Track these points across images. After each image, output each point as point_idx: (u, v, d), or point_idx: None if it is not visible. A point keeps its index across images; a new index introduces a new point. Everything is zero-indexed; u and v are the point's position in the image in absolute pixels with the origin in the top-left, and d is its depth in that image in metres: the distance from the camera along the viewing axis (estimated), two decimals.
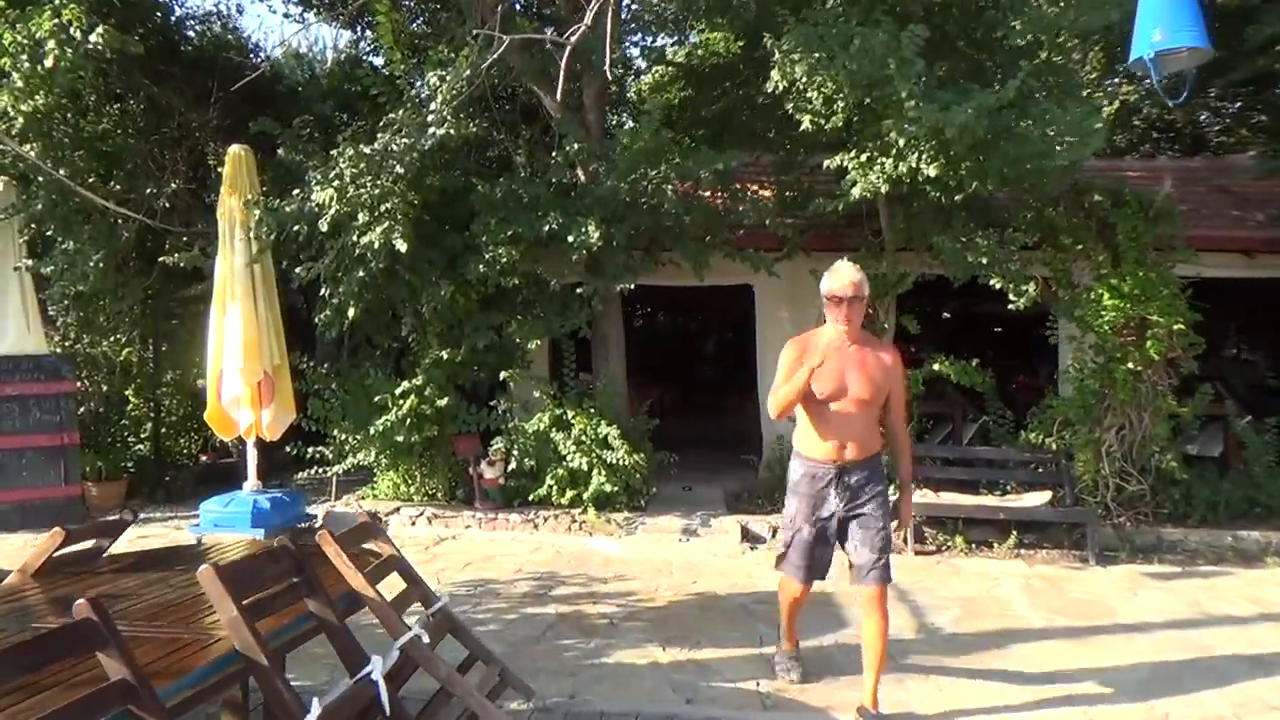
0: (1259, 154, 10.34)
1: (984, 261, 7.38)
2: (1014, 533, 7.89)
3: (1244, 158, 11.54)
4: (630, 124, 8.06)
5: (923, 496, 8.08)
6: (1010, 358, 12.57)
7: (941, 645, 5.57)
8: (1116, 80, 13.76)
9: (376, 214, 7.47)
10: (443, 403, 8.30)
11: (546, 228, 7.63)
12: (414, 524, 8.68)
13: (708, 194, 8.90)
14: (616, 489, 8.32)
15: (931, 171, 6.31)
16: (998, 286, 7.47)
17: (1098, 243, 7.73)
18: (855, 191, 6.95)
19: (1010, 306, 7.47)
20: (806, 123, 6.84)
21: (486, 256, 7.78)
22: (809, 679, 4.93)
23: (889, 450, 4.52)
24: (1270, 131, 12.23)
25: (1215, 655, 5.36)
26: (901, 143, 6.56)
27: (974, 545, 7.95)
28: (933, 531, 8.12)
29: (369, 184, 7.36)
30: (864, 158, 6.98)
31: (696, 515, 8.56)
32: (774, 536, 8.28)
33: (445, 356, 8.23)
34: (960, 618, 6.10)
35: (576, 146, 7.96)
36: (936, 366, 8.52)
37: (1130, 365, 7.67)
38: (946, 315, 14.76)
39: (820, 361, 4.08)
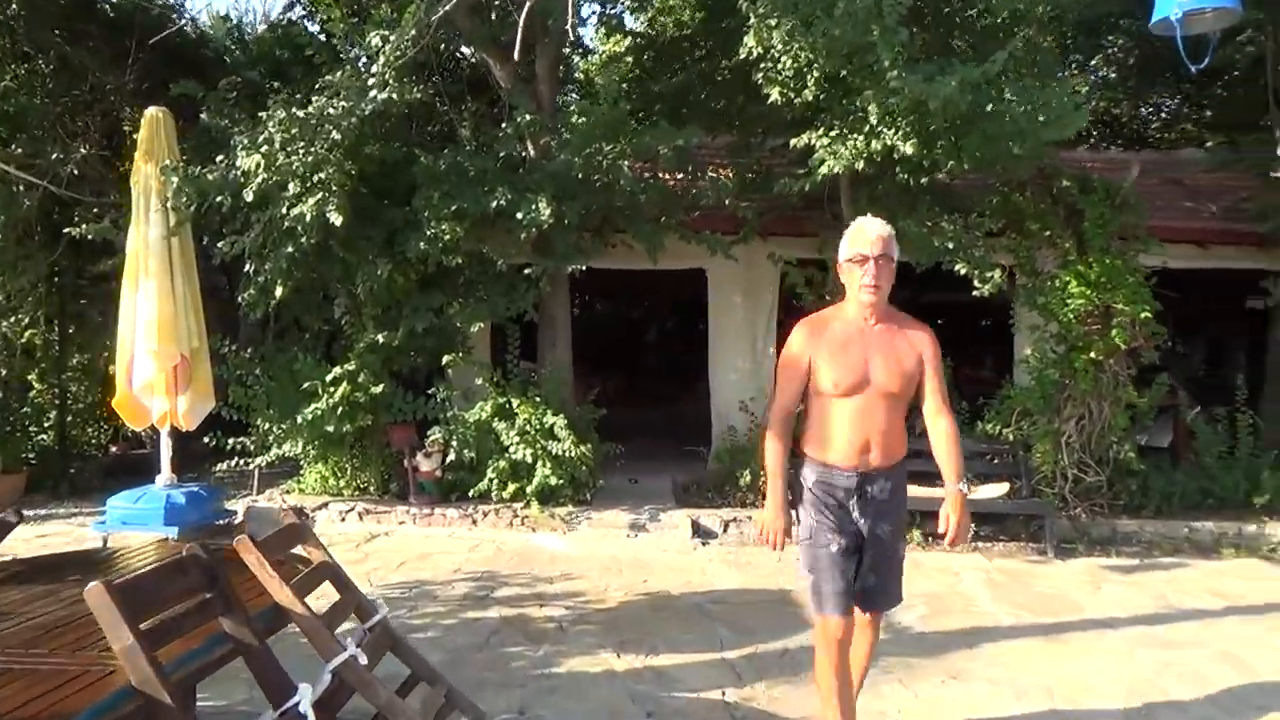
0: (1214, 147, 10.36)
1: (950, 246, 7.15)
2: (971, 525, 7.69)
3: (1192, 151, 11.60)
4: (579, 102, 7.58)
5: None
6: (953, 349, 12.48)
7: (912, 645, 5.31)
8: (1064, 73, 13.75)
9: (309, 184, 6.92)
10: (377, 390, 7.78)
11: (494, 204, 7.16)
12: (343, 520, 8.14)
13: (664, 174, 8.50)
14: (562, 482, 7.91)
15: (909, 149, 6.03)
16: (963, 272, 7.25)
17: (1064, 229, 7.57)
18: (824, 170, 6.65)
19: (975, 293, 7.26)
20: (775, 94, 6.50)
21: (428, 233, 7.28)
22: (777, 685, 4.61)
23: (932, 446, 3.57)
24: (1214, 126, 12.35)
25: (1189, 653, 5.20)
26: (875, 119, 6.26)
27: (930, 538, 7.74)
28: None
29: (301, 151, 6.80)
30: (833, 134, 6.67)
31: (644, 509, 8.20)
32: (725, 531, 7.98)
33: (381, 340, 7.70)
34: (927, 615, 5.86)
35: (528, 118, 7.49)
36: None
37: (1092, 355, 7.53)
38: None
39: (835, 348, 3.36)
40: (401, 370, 8.37)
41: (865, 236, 3.31)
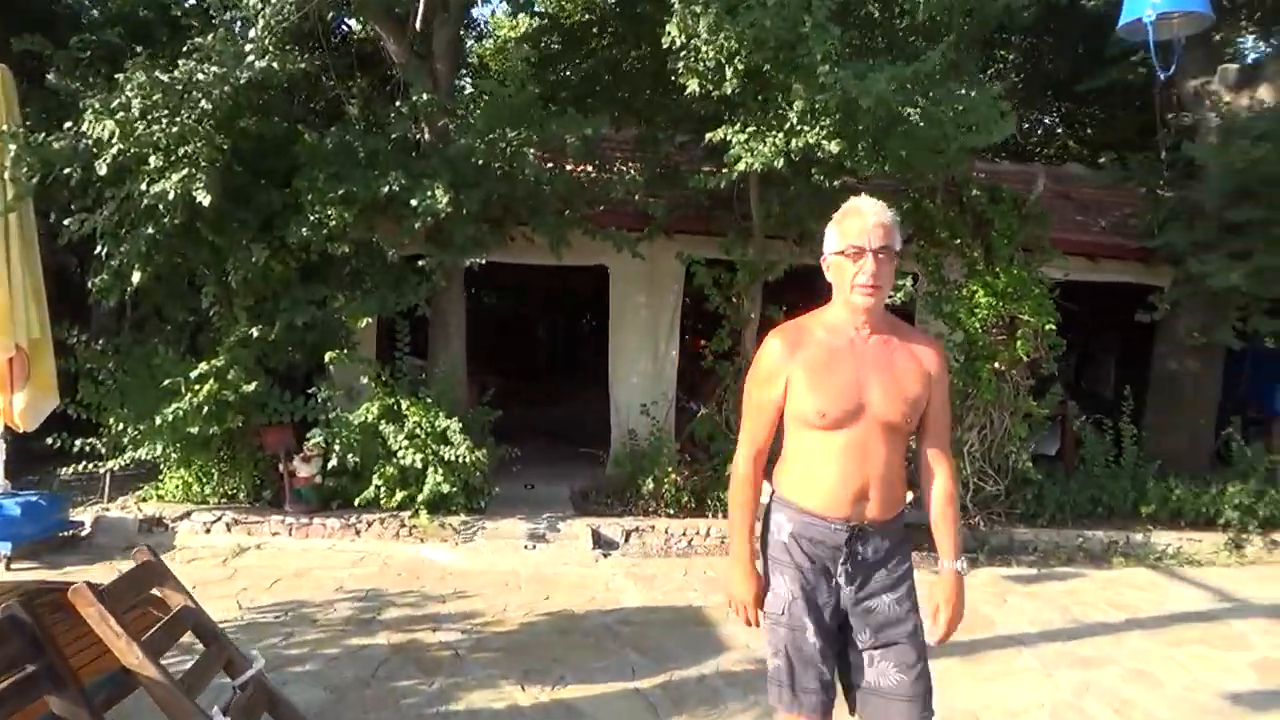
0: (1108, 164, 10.64)
1: None
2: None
3: (1076, 167, 11.95)
4: (484, 81, 7.03)
5: None
6: None
7: None
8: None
9: (173, 158, 6.16)
10: (249, 388, 7.04)
11: (385, 189, 6.57)
12: (209, 531, 7.36)
13: (569, 166, 8.04)
14: (454, 489, 7.36)
15: (833, 148, 5.78)
16: None
17: (973, 238, 7.51)
18: (741, 166, 6.34)
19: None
20: (694, 86, 6.15)
21: (311, 218, 6.62)
22: (696, 718, 4.25)
23: (920, 498, 2.86)
24: (1094, 144, 12.77)
25: (1104, 671, 5.14)
26: (795, 117, 5.99)
27: None
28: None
29: (165, 121, 6.04)
30: (750, 131, 6.37)
31: (542, 518, 7.74)
32: (627, 541, 7.62)
33: (255, 334, 6.97)
34: None
35: (425, 98, 6.90)
36: None
37: (996, 364, 7.52)
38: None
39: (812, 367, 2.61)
40: (278, 367, 7.64)
41: (862, 223, 2.50)
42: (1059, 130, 15.47)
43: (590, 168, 8.48)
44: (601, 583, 6.60)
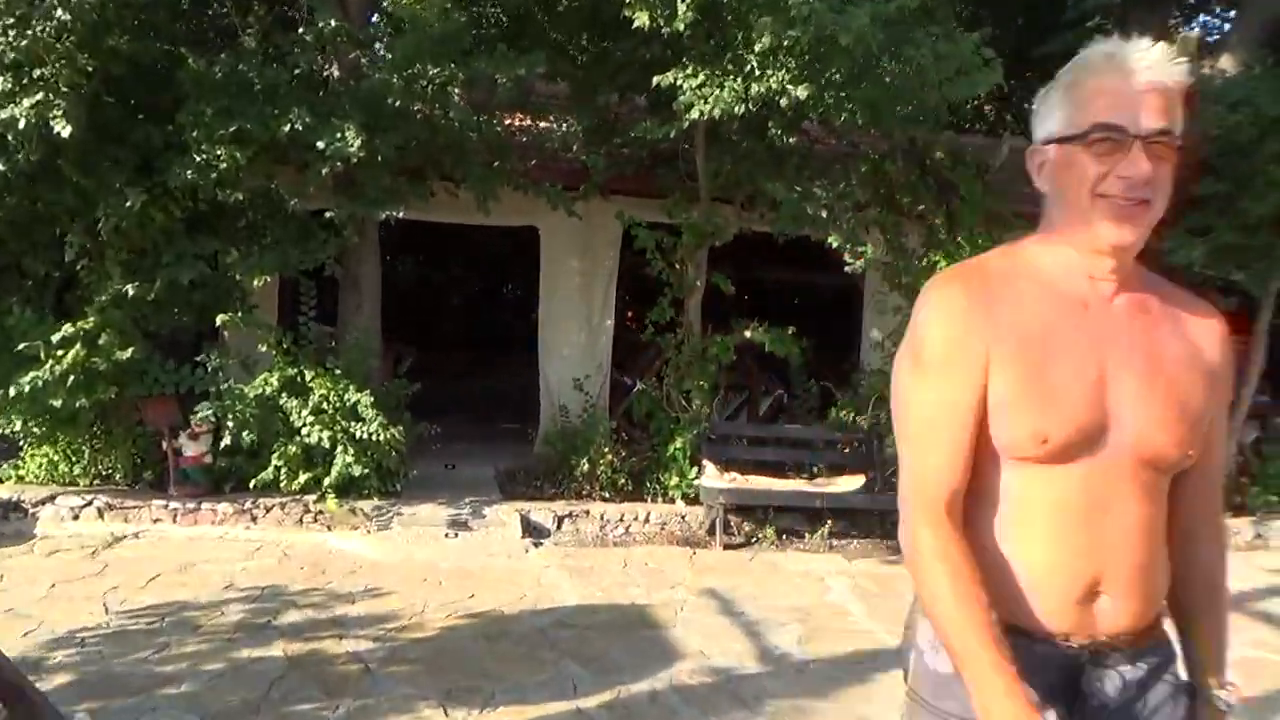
0: None
1: (823, 215, 6.38)
2: (828, 522, 7.07)
3: (1013, 138, 11.59)
4: (403, 6, 6.12)
5: (731, 481, 7.07)
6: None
7: (796, 679, 4.49)
8: None
9: (24, 81, 5.15)
10: (125, 355, 6.09)
11: (287, 127, 5.68)
12: (77, 517, 6.41)
13: (498, 114, 7.21)
14: (367, 471, 6.57)
15: (801, 93, 5.14)
16: (834, 245, 6.51)
17: (937, 205, 6.99)
18: (694, 114, 5.65)
19: (847, 269, 6.57)
20: (643, 19, 5.42)
21: (197, 159, 5.69)
22: None
23: (1179, 588, 1.55)
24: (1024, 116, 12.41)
25: None
26: (755, 60, 5.32)
27: (783, 535, 7.06)
28: (738, 520, 7.14)
29: (12, 34, 5.02)
30: (704, 75, 5.69)
31: (465, 502, 7.01)
32: (559, 528, 6.95)
33: (131, 293, 6.01)
34: (804, 636, 5.06)
35: (334, 24, 5.99)
36: (748, 334, 7.51)
37: None
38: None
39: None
40: (161, 331, 6.69)
41: (1123, 84, 1.35)
42: (1012, 99, 15.17)
43: (520, 119, 7.68)
44: (533, 577, 5.92)
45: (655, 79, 5.97)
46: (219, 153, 5.60)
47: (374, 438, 6.47)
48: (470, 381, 14.53)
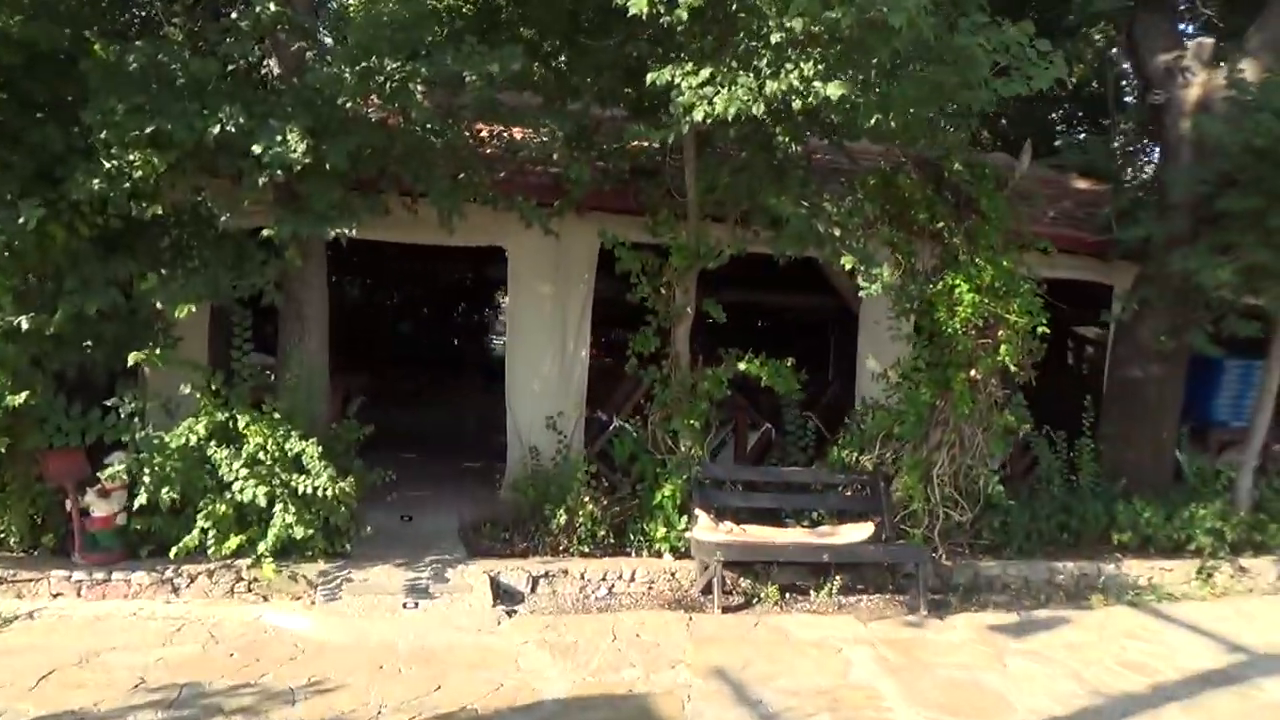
0: (1068, 146, 9.71)
1: (835, 233, 5.63)
2: (837, 578, 6.29)
3: (1001, 155, 11.07)
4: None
5: (728, 533, 6.25)
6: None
7: None
8: None
9: None
10: (18, 399, 5.06)
11: (216, 129, 4.74)
12: None
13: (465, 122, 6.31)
14: (311, 531, 5.59)
15: (832, 92, 4.37)
16: (847, 267, 5.77)
17: (957, 222, 6.29)
18: (698, 115, 4.85)
19: (862, 293, 5.83)
20: (640, 5, 4.61)
21: (106, 166, 4.72)
22: None
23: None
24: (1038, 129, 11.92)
25: None
26: (769, 56, 4.55)
27: (786, 593, 6.25)
28: (734, 575, 6.31)
29: None
30: (706, 72, 4.90)
31: (425, 563, 6.07)
32: (534, 590, 6.06)
33: (24, 326, 4.98)
34: None
35: (273, 9, 5.07)
36: (742, 365, 6.71)
37: (973, 373, 6.35)
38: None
39: None
40: (65, 370, 5.64)
41: None
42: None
43: (488, 129, 6.79)
44: (509, 657, 5.01)
45: (650, 77, 5.16)
46: (132, 158, 4.64)
47: (321, 493, 5.52)
48: (422, 409, 13.52)
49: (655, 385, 6.91)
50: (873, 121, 4.68)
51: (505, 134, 6.54)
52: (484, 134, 6.49)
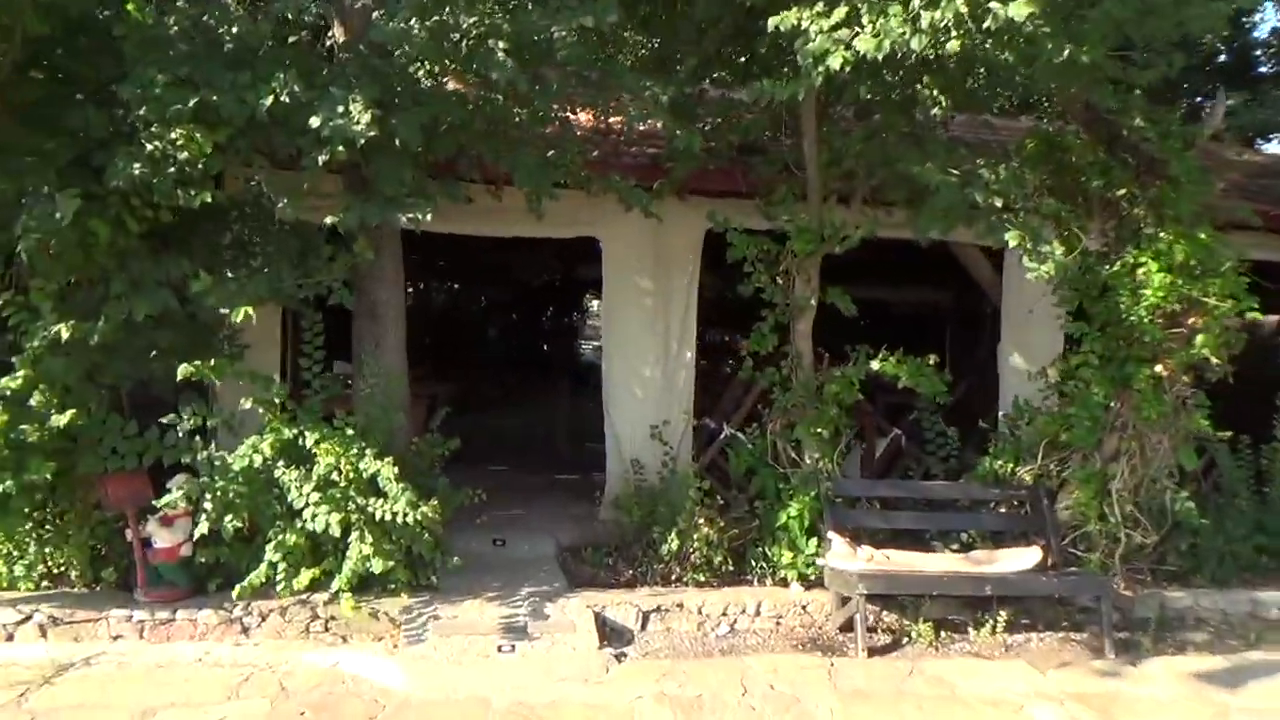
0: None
1: (996, 204, 4.59)
2: (1002, 614, 5.22)
3: None
4: None
5: (870, 560, 5.24)
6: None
7: None
8: None
9: None
10: (64, 419, 4.40)
11: (268, 100, 3.98)
12: (11, 638, 4.72)
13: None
14: (393, 563, 4.81)
15: (1017, 11, 3.36)
16: (1010, 245, 4.72)
17: (1139, 188, 5.15)
18: (835, 61, 3.88)
19: (1031, 275, 4.77)
20: None
21: (148, 148, 4.01)
22: None
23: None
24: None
25: None
26: None
27: (940, 631, 5.21)
28: (876, 609, 5.30)
29: None
30: (843, 10, 3.94)
31: (522, 596, 5.24)
32: (645, 627, 5.17)
33: (66, 335, 4.32)
34: None
35: None
36: (875, 365, 5.70)
37: (1159, 369, 5.21)
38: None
39: None
40: (121, 384, 5.00)
41: None
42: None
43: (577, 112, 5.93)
44: (621, 714, 4.13)
45: (771, 21, 4.21)
46: (175, 137, 3.92)
47: (401, 519, 4.73)
48: (510, 416, 12.80)
49: (773, 389, 5.96)
50: (1065, 53, 3.62)
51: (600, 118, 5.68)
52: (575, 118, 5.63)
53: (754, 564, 5.63)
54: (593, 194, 5.97)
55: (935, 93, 4.65)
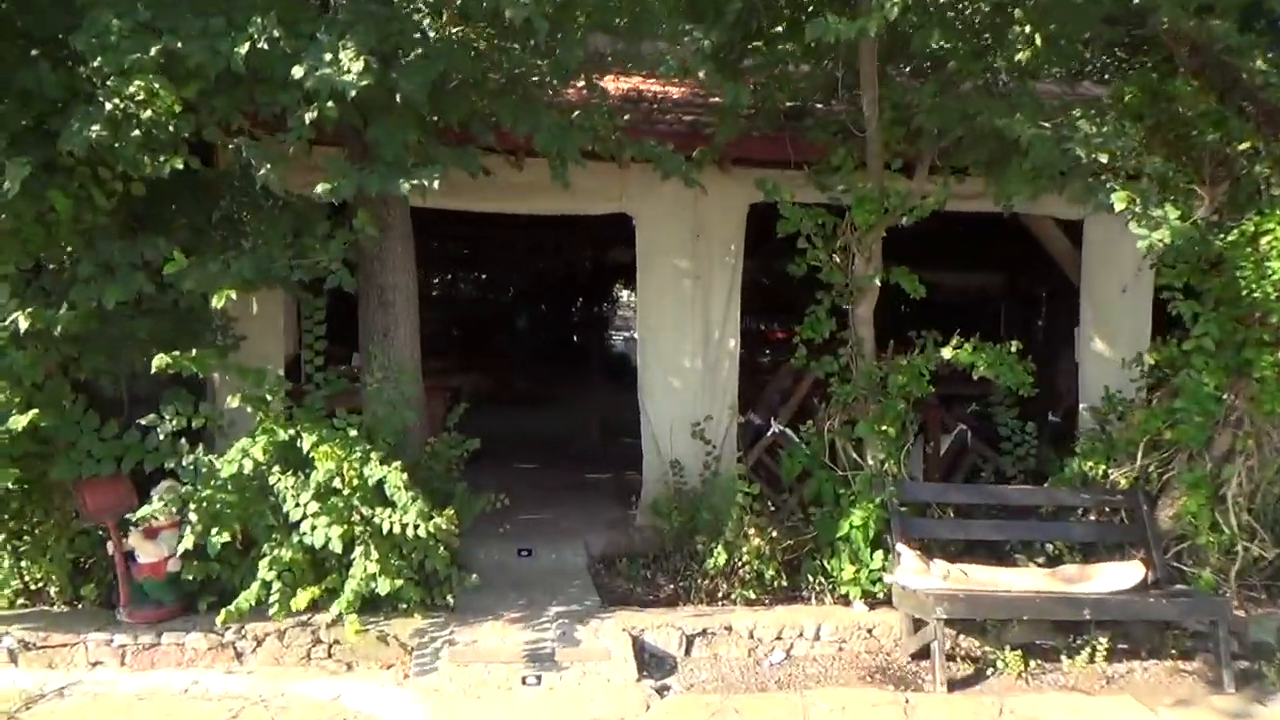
0: None
1: (1103, 160, 3.85)
2: (1101, 640, 4.48)
3: None
4: None
5: (946, 578, 4.53)
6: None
7: None
8: None
9: None
10: (23, 420, 3.82)
11: (244, 48, 3.35)
12: None
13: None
14: (402, 582, 4.19)
15: None
16: (1118, 209, 3.96)
17: (1262, 143, 4.37)
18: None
19: (1142, 245, 4.01)
20: None
21: (108, 107, 3.40)
22: None
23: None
24: None
25: None
26: None
27: (1030, 659, 4.49)
28: (953, 632, 4.58)
29: None
30: None
31: (549, 618, 4.61)
32: (689, 652, 4.50)
33: (26, 324, 3.73)
34: None
35: None
36: (947, 352, 4.98)
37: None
38: None
39: None
40: (99, 379, 4.43)
41: None
42: None
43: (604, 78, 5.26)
44: None
45: None
46: (135, 88, 3.30)
47: (411, 531, 4.11)
48: (539, 409, 12.16)
49: (829, 380, 5.26)
50: None
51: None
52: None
53: (810, 579, 4.94)
54: (624, 165, 5.34)
55: (1026, 28, 3.89)
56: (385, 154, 3.86)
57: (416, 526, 4.09)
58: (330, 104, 3.51)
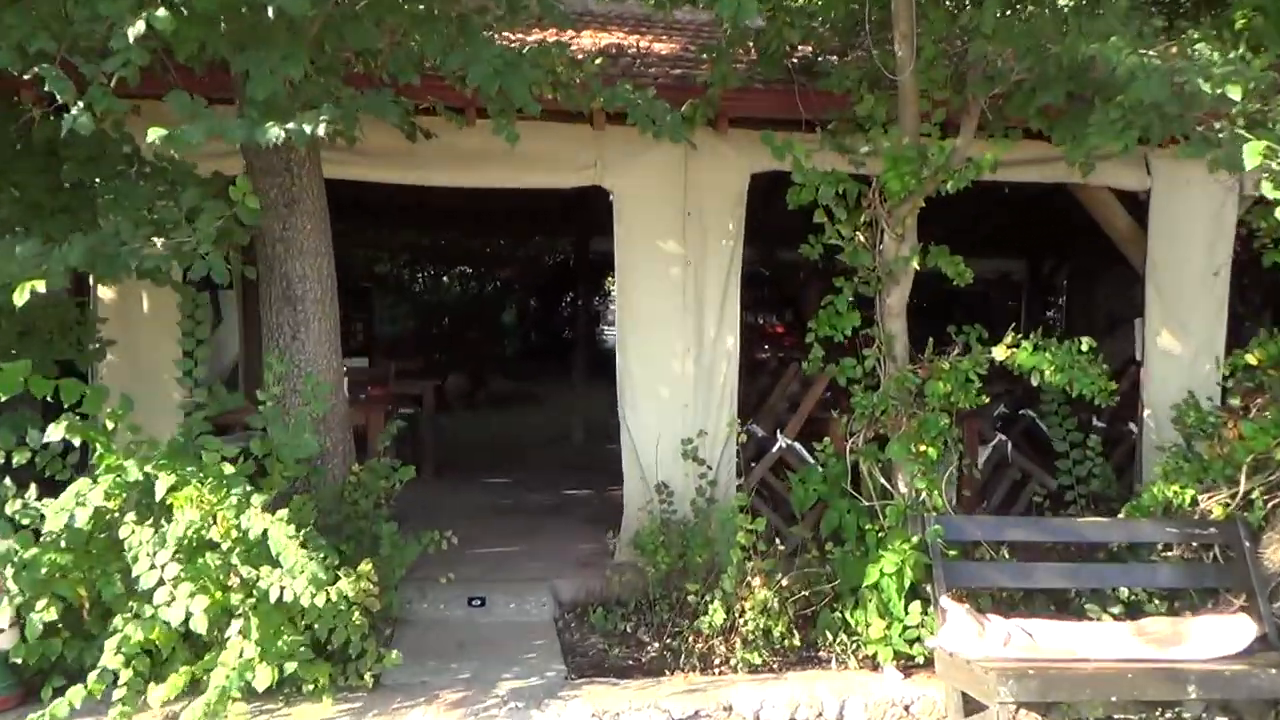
0: None
1: (1235, 98, 2.76)
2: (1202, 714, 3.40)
3: None
4: None
5: (1007, 643, 3.44)
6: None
7: None
8: None
9: None
10: None
11: None
12: None
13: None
14: (293, 667, 3.09)
15: None
16: (1249, 165, 2.86)
17: None
18: None
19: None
20: None
21: None
22: None
23: None
24: None
25: None
26: None
27: None
28: (1013, 707, 3.48)
29: None
30: None
31: (498, 699, 3.51)
32: None
33: None
34: None
35: None
36: (999, 353, 3.88)
37: None
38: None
39: None
40: None
41: None
42: None
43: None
44: None
45: None
46: None
47: (304, 598, 3.00)
48: (518, 412, 11.05)
49: (850, 387, 4.16)
50: None
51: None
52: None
53: (829, 635, 3.85)
54: (598, 125, 4.26)
55: None
56: (256, 92, 2.73)
57: (309, 593, 2.98)
58: (163, 12, 2.38)
